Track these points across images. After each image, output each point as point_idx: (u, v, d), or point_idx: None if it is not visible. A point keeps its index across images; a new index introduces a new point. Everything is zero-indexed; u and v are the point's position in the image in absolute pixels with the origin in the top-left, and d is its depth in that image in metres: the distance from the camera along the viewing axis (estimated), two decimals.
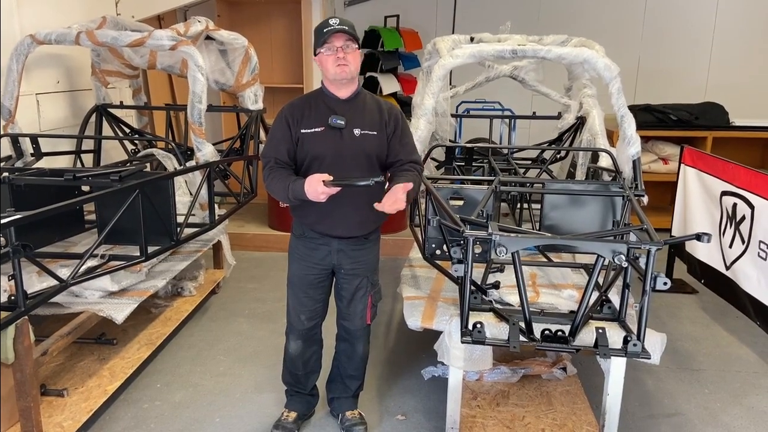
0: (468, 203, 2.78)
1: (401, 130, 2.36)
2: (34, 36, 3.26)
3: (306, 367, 2.60)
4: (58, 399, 2.58)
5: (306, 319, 2.49)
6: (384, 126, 2.33)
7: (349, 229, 2.37)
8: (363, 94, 2.38)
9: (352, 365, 2.61)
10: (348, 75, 2.25)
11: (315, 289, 2.46)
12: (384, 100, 2.44)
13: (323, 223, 2.35)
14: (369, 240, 2.45)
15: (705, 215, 3.92)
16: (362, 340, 2.58)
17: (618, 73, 3.02)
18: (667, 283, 1.88)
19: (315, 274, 2.43)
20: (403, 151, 2.35)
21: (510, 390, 2.74)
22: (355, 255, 2.42)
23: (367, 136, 2.30)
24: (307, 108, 2.32)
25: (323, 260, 2.41)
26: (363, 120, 2.30)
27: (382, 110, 2.35)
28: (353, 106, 2.32)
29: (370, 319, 2.53)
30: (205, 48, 3.95)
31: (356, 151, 2.27)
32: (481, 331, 2.01)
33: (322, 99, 2.34)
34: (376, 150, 2.31)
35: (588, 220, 2.85)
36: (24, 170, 2.93)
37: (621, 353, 1.96)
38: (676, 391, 3.04)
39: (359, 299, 2.47)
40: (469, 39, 3.93)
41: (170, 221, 2.92)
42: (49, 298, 2.29)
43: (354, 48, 2.25)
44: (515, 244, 1.94)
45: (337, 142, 2.27)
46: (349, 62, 2.23)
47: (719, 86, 6.51)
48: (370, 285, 2.48)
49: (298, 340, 2.54)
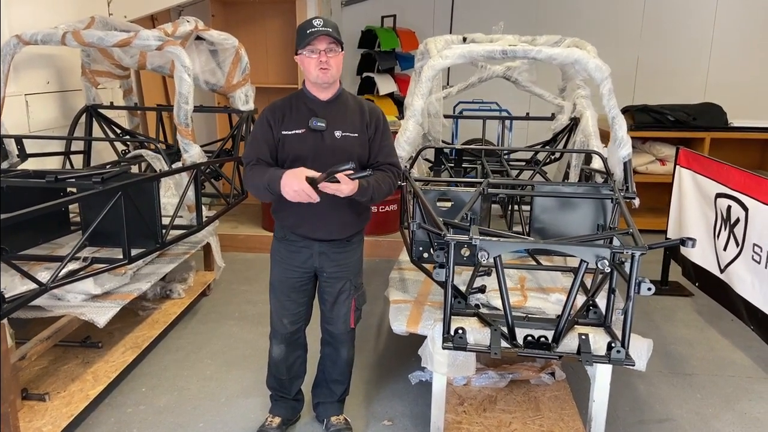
0: (456, 205, 2.75)
1: (381, 132, 2.34)
2: (20, 36, 3.24)
3: (290, 372, 2.57)
4: (39, 403, 2.55)
5: (289, 323, 2.47)
6: (365, 128, 2.31)
7: (330, 231, 2.34)
8: (345, 96, 2.35)
9: (336, 370, 2.58)
10: (330, 79, 2.23)
11: (297, 293, 2.43)
12: (367, 101, 2.42)
13: (303, 225, 2.33)
14: (351, 242, 2.43)
15: (699, 217, 3.88)
16: (346, 344, 2.55)
17: (609, 74, 2.98)
18: (651, 289, 1.84)
19: (297, 277, 2.41)
20: (382, 153, 2.34)
21: (497, 395, 2.70)
22: (337, 258, 2.39)
23: (348, 138, 2.28)
24: (288, 109, 2.31)
25: (305, 263, 2.39)
26: (344, 122, 2.28)
27: (363, 112, 2.33)
28: (334, 108, 2.30)
29: (354, 323, 2.51)
30: (195, 48, 3.92)
31: (337, 153, 2.25)
32: (462, 337, 1.98)
33: (303, 100, 2.31)
34: (357, 152, 2.28)
35: (578, 223, 2.81)
36: (8, 172, 2.91)
37: (604, 360, 1.92)
38: (668, 396, 3.00)
39: (342, 302, 2.44)
40: (462, 39, 3.90)
41: (155, 223, 2.89)
42: (27, 302, 2.26)
43: (337, 51, 2.22)
44: (497, 248, 1.90)
45: (318, 144, 2.25)
46: (332, 66, 2.21)
47: (719, 86, 6.46)
48: (353, 288, 2.45)
49: (281, 344, 2.51)
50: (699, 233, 3.81)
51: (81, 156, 3.89)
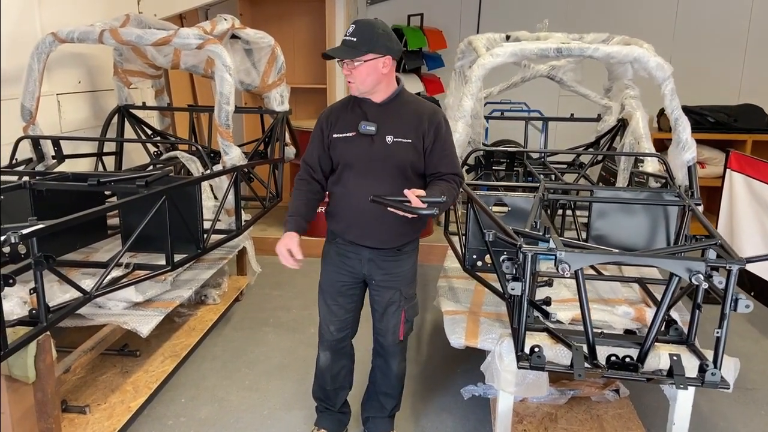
0: (511, 211, 2.62)
1: (443, 140, 2.17)
2: (56, 34, 3.14)
3: (335, 383, 2.47)
4: (79, 416, 2.45)
5: (335, 330, 2.37)
6: (421, 134, 2.15)
7: (380, 240, 2.23)
8: (402, 98, 2.21)
9: (386, 382, 2.47)
10: (357, 92, 2.14)
11: (344, 298, 2.34)
12: (427, 104, 2.26)
13: (352, 231, 2.24)
14: (402, 252, 2.30)
15: (754, 224, 3.71)
16: (396, 357, 2.43)
17: (671, 72, 2.83)
18: (749, 306, 1.70)
19: (344, 281, 2.32)
20: (443, 163, 2.16)
21: (557, 413, 2.56)
22: (386, 266, 2.28)
23: (400, 144, 2.13)
24: (343, 111, 2.22)
25: (353, 268, 2.29)
26: (397, 126, 2.15)
27: (421, 116, 2.17)
28: (388, 111, 2.17)
29: (404, 335, 2.39)
30: (230, 47, 3.81)
31: (386, 160, 2.13)
32: (540, 356, 1.84)
33: (358, 103, 2.20)
34: (409, 159, 2.14)
35: (639, 230, 2.66)
36: (45, 174, 2.81)
37: (698, 383, 1.78)
38: (731, 413, 2.85)
39: (392, 314, 2.33)
40: (505, 37, 3.75)
41: (197, 228, 2.79)
42: (72, 311, 2.16)
43: (359, 62, 2.06)
44: (580, 261, 1.76)
45: (367, 150, 2.14)
46: (356, 79, 2.09)
47: (754, 87, 6.26)
48: (403, 299, 2.34)
49: (326, 351, 2.43)
50: (753, 240, 3.64)
51: (113, 157, 3.80)
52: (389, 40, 2.09)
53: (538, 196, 2.49)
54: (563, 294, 2.59)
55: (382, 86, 2.14)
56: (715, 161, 5.43)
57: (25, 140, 3.19)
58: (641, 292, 2.62)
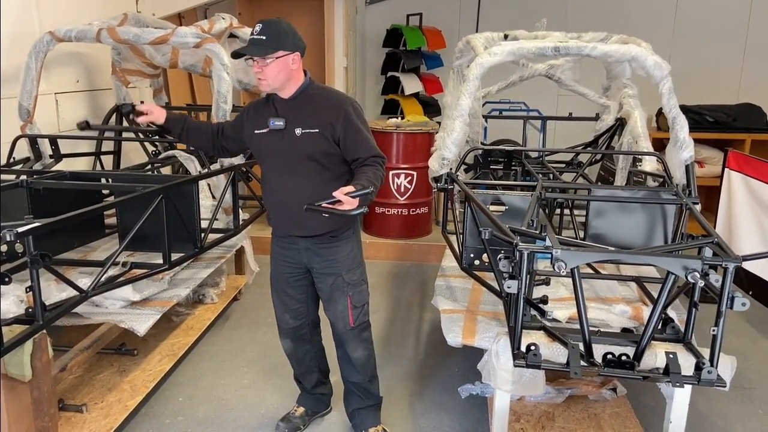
0: (509, 210, 2.62)
1: (355, 126, 2.19)
2: (53, 33, 3.14)
3: (300, 366, 2.60)
4: (76, 415, 2.44)
5: (291, 319, 2.48)
6: (329, 123, 2.18)
7: (306, 228, 2.27)
8: (310, 91, 2.25)
9: (350, 371, 2.52)
10: (267, 89, 2.21)
11: (293, 288, 2.42)
12: (338, 94, 2.35)
13: (283, 224, 2.34)
14: (339, 238, 2.33)
15: (752, 223, 3.70)
16: (352, 344, 2.45)
17: (669, 71, 2.83)
18: (745, 304, 1.70)
19: (289, 272, 2.40)
20: (360, 149, 2.19)
21: (555, 411, 2.56)
22: (324, 253, 2.32)
23: (309, 135, 2.19)
24: (260, 107, 2.32)
25: (294, 258, 2.37)
26: (304, 118, 2.20)
27: (330, 106, 2.22)
28: (296, 105, 2.23)
29: (353, 322, 2.40)
30: (228, 46, 3.81)
31: (298, 152, 2.20)
32: (537, 354, 1.84)
33: (272, 99, 2.29)
34: (319, 149, 2.18)
35: (636, 229, 2.66)
36: (42, 173, 2.81)
37: (694, 381, 1.78)
38: (728, 412, 2.85)
39: (337, 299, 2.38)
40: (503, 36, 3.75)
41: (194, 227, 2.78)
42: (68, 310, 2.16)
43: (271, 59, 2.11)
44: (575, 259, 1.76)
45: (278, 143, 2.22)
46: (267, 76, 2.14)
47: (753, 86, 6.26)
48: (347, 285, 2.36)
49: (286, 339, 2.54)
50: (752, 239, 3.64)
51: (111, 156, 3.79)
52: (296, 37, 2.19)
53: (535, 195, 2.48)
54: (560, 292, 2.59)
55: (291, 82, 2.20)
56: (714, 160, 5.43)
57: (23, 139, 3.19)
58: (638, 291, 2.62)
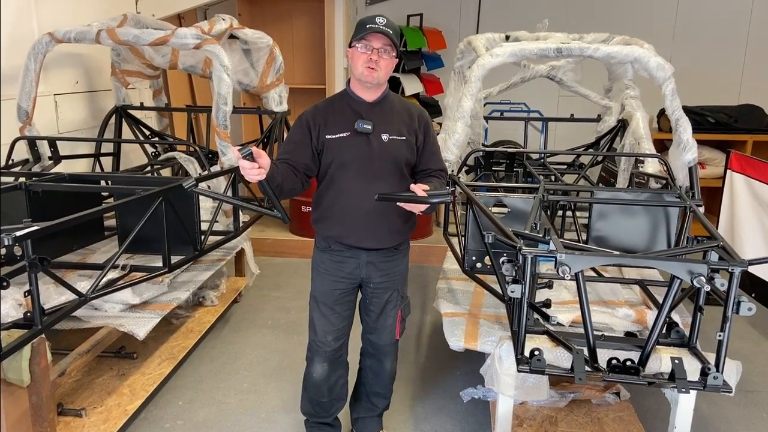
0: (511, 213, 2.60)
1: (431, 138, 2.24)
2: (52, 34, 3.12)
3: (331, 394, 2.38)
4: (75, 419, 2.42)
5: (333, 339, 2.30)
6: (414, 132, 2.18)
7: (379, 240, 2.21)
8: (391, 98, 2.22)
9: (379, 383, 2.45)
10: (375, 80, 2.09)
11: (341, 305, 2.28)
12: (412, 104, 2.30)
13: (350, 235, 2.19)
14: (399, 251, 2.30)
15: (755, 225, 3.69)
16: (390, 356, 2.41)
17: (672, 73, 2.81)
18: (752, 309, 1.68)
19: (342, 288, 2.27)
20: (433, 160, 2.24)
21: (558, 415, 2.54)
22: (385, 267, 2.26)
23: (396, 142, 2.14)
24: (331, 112, 2.16)
25: (351, 274, 2.24)
26: (391, 125, 2.15)
27: (411, 115, 2.21)
28: (381, 110, 2.16)
29: (399, 334, 2.37)
30: (229, 47, 3.79)
31: (384, 158, 2.12)
32: (541, 360, 1.82)
33: (347, 102, 2.18)
34: (404, 156, 2.16)
35: (639, 231, 2.64)
36: (41, 176, 2.79)
37: (700, 386, 1.76)
38: (732, 415, 2.83)
39: (389, 313, 2.32)
40: (504, 37, 3.73)
41: (194, 230, 2.76)
42: (67, 314, 2.14)
43: (391, 55, 2.08)
44: (580, 263, 1.74)
45: (364, 148, 2.12)
46: (380, 68, 2.07)
47: (755, 87, 6.24)
48: (400, 298, 2.33)
49: (324, 363, 2.32)
50: (754, 241, 3.62)
51: (110, 158, 3.77)
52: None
53: (537, 197, 2.46)
54: (563, 296, 2.57)
55: (384, 85, 2.18)
56: (716, 162, 5.41)
57: (22, 141, 3.17)
58: (642, 294, 2.60)
